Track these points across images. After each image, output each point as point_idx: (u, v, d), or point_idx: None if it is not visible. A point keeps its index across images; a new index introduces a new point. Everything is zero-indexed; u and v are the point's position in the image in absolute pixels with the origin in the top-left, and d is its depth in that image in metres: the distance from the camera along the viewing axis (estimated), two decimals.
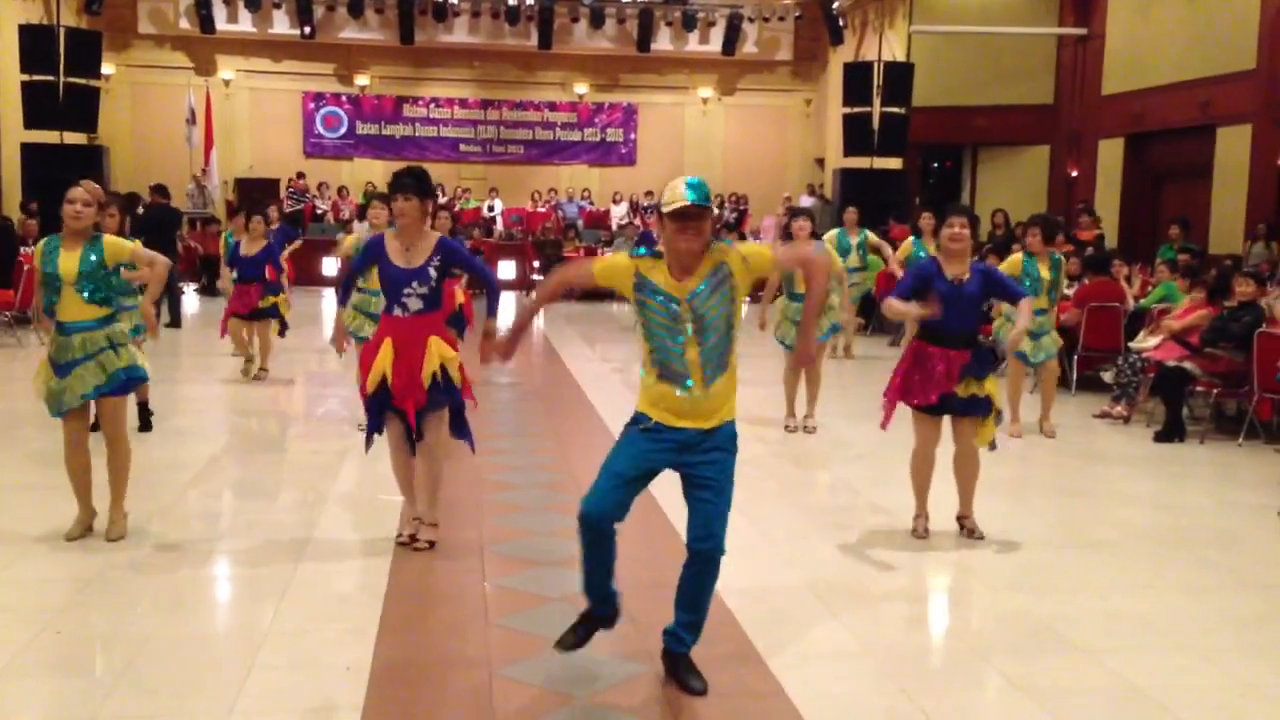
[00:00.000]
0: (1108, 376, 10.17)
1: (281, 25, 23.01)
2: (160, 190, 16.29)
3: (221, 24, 22.46)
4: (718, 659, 4.37)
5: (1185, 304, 9.93)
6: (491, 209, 23.30)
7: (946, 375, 5.66)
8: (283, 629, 4.55)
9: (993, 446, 5.95)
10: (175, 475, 7.10)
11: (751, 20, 23.56)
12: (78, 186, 5.48)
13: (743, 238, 21.49)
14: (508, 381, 11.67)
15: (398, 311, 5.33)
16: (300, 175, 22.84)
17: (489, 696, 3.96)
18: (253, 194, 18.88)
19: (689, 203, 3.78)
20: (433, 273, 5.32)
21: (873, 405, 10.31)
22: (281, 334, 10.82)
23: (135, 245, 5.74)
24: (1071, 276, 11.45)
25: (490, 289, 5.73)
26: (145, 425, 8.17)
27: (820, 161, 23.88)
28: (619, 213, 23.45)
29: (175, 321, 14.48)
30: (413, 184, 5.34)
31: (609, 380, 11.33)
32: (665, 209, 3.85)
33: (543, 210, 23.46)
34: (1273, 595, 5.42)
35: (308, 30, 22.62)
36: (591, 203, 24.15)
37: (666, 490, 4.11)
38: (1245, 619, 5.02)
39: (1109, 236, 16.79)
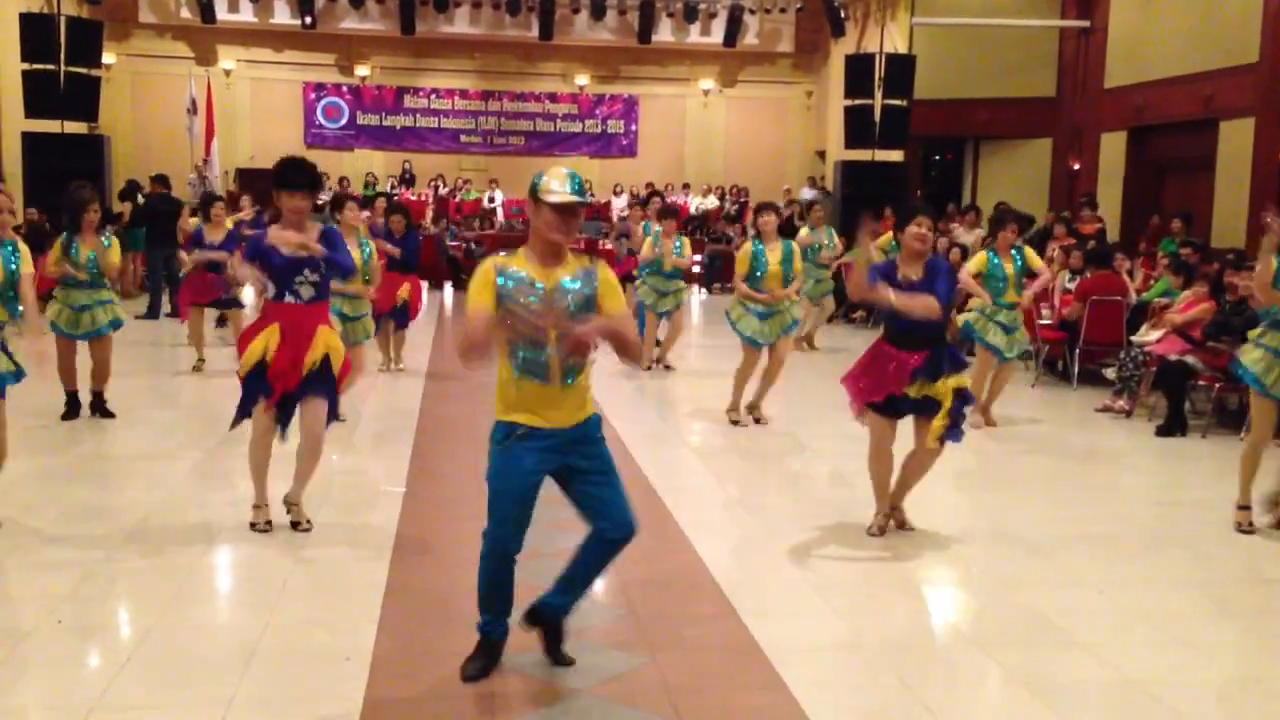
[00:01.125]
0: (1109, 373, 10.16)
1: (282, 15, 22.96)
2: (161, 180, 16.26)
3: (222, 14, 22.41)
4: (716, 651, 4.37)
5: (1187, 298, 9.92)
6: (492, 200, 23.27)
7: (896, 377, 5.58)
8: (283, 620, 4.55)
9: (953, 438, 5.73)
10: (174, 466, 7.10)
11: (753, 12, 23.50)
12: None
13: (744, 231, 21.47)
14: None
15: (289, 299, 5.43)
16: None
17: (489, 688, 3.96)
18: (255, 184, 18.86)
19: (572, 197, 3.79)
20: (322, 263, 5.45)
21: None
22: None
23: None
24: (1074, 270, 11.44)
25: (345, 274, 5.87)
26: (106, 413, 8.27)
27: (821, 154, 23.84)
28: (620, 204, 23.41)
29: (176, 312, 14.48)
30: (305, 180, 5.46)
31: (609, 373, 11.31)
32: (548, 199, 3.80)
33: None
34: (1273, 590, 5.42)
35: (308, 20, 22.57)
36: (592, 194, 24.05)
37: (669, 485, 4.10)
38: (1245, 613, 5.02)
39: (1111, 230, 16.77)
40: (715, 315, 9.63)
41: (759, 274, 8.40)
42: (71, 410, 8.25)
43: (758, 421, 8.74)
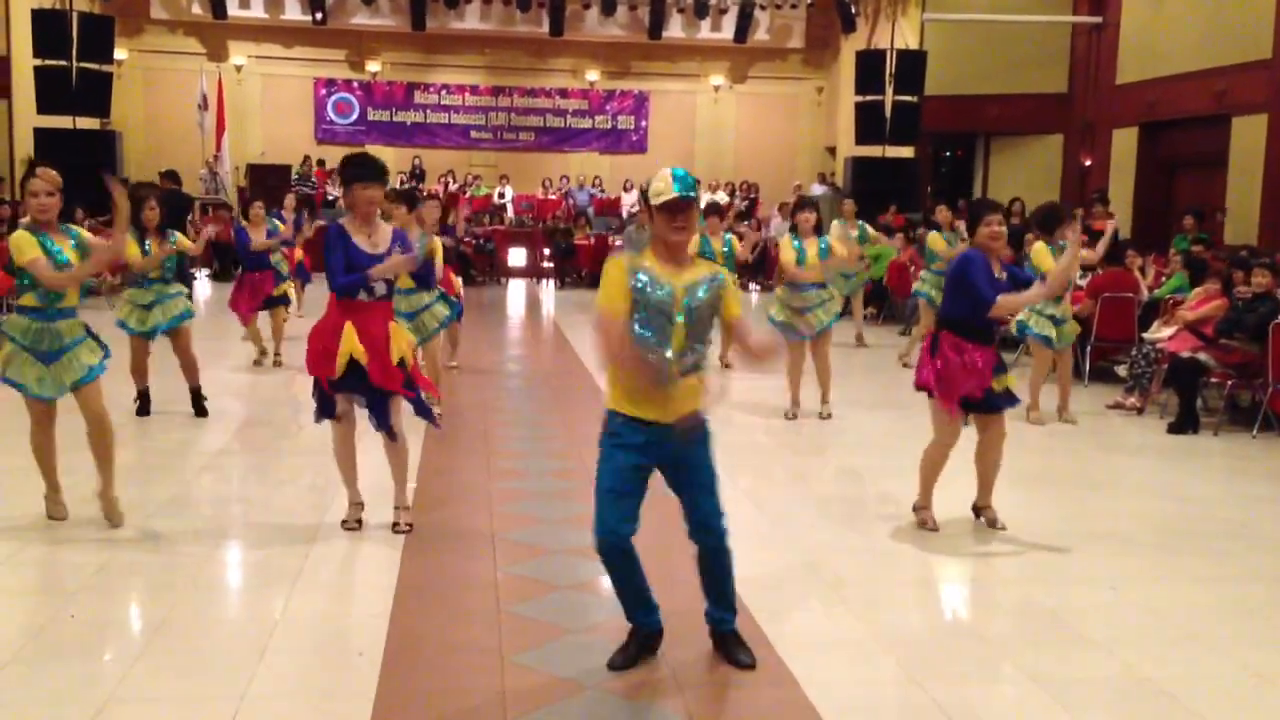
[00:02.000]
0: (1121, 370, 10.14)
1: (293, 11, 23.00)
2: (171, 176, 16.31)
3: (233, 10, 22.46)
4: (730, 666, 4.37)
5: (1199, 294, 9.89)
6: (502, 196, 23.29)
7: (985, 372, 5.61)
8: (295, 614, 4.57)
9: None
10: (189, 461, 7.13)
11: (763, 8, 23.47)
12: (37, 177, 5.36)
13: (759, 227, 21.45)
14: (517, 370, 11.68)
15: (363, 295, 5.35)
16: (320, 163, 22.84)
17: (500, 684, 3.97)
18: (265, 180, 18.91)
19: (676, 195, 3.83)
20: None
21: (883, 394, 10.35)
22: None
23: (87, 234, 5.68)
24: (1086, 267, 11.41)
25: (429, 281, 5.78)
26: (200, 411, 8.30)
27: (832, 150, 23.81)
28: (630, 200, 23.41)
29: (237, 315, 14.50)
30: (377, 173, 5.37)
31: (600, 367, 11.31)
32: (655, 201, 3.87)
33: (553, 197, 23.45)
34: None
35: (319, 16, 22.61)
36: (602, 190, 24.12)
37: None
38: (1258, 610, 5.00)
39: (1123, 227, 16.72)
40: None
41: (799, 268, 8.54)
42: (144, 407, 8.26)
43: (824, 417, 8.82)
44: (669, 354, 3.89)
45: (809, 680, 4.04)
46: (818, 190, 21.80)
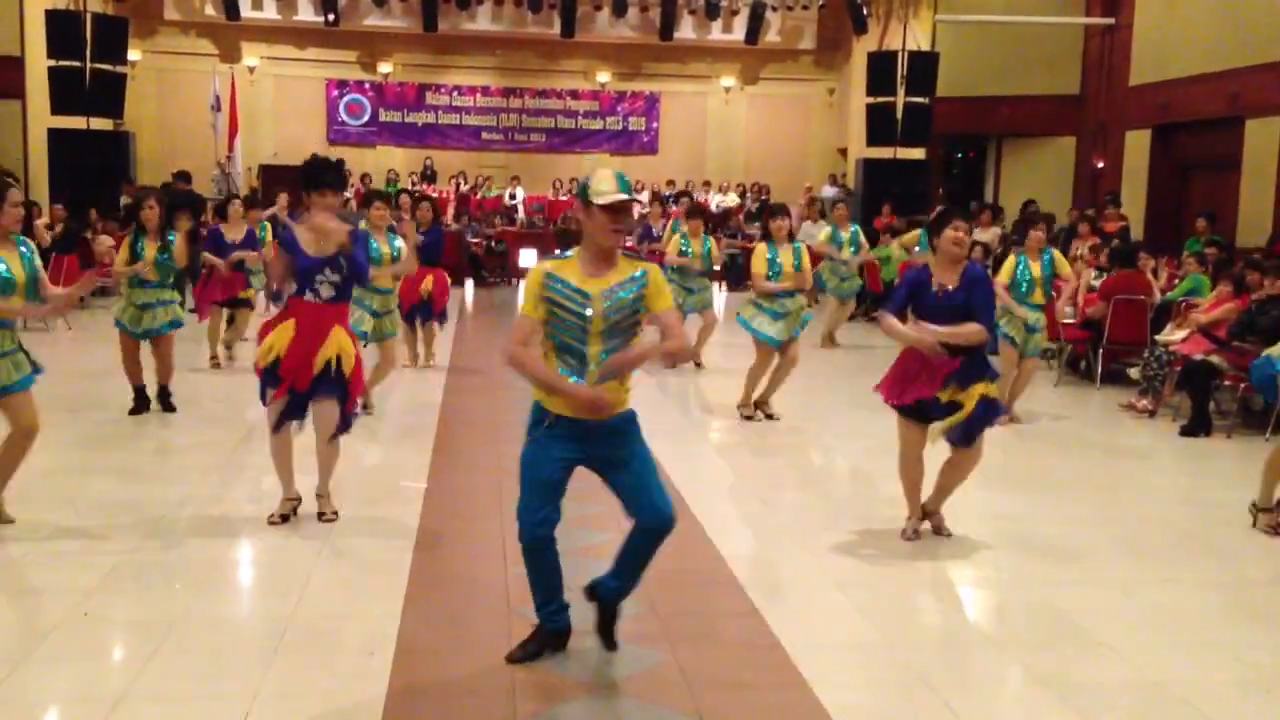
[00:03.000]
0: (1134, 372, 10.11)
1: (306, 12, 23.04)
2: (183, 176, 16.37)
3: (246, 11, 22.50)
4: (737, 647, 4.38)
5: (1213, 297, 9.86)
6: (513, 197, 23.30)
7: (928, 380, 5.49)
8: (307, 613, 4.58)
9: (956, 439, 5.68)
10: (198, 461, 7.15)
11: (774, 9, 23.44)
12: (14, 187, 5.45)
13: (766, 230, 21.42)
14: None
15: (309, 296, 5.49)
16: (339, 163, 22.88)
17: (510, 683, 3.97)
18: (278, 181, 18.95)
19: (621, 196, 3.86)
20: (344, 263, 5.50)
21: None
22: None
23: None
24: (1099, 269, 11.39)
25: (361, 279, 5.87)
26: (169, 406, 8.35)
27: (843, 151, 23.77)
28: (642, 201, 23.40)
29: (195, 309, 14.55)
30: (333, 178, 5.54)
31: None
32: (598, 200, 3.88)
33: (564, 198, 23.43)
34: None
35: (331, 17, 22.64)
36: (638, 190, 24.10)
37: (690, 481, 4.11)
38: (1270, 614, 4.98)
39: (1135, 229, 16.67)
40: (734, 310, 9.66)
41: (773, 276, 8.46)
42: (139, 405, 8.30)
43: (769, 417, 8.80)
44: (589, 367, 3.94)
45: (818, 681, 4.04)
46: (829, 192, 21.76)
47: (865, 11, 21.47)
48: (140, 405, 8.32)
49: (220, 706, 3.74)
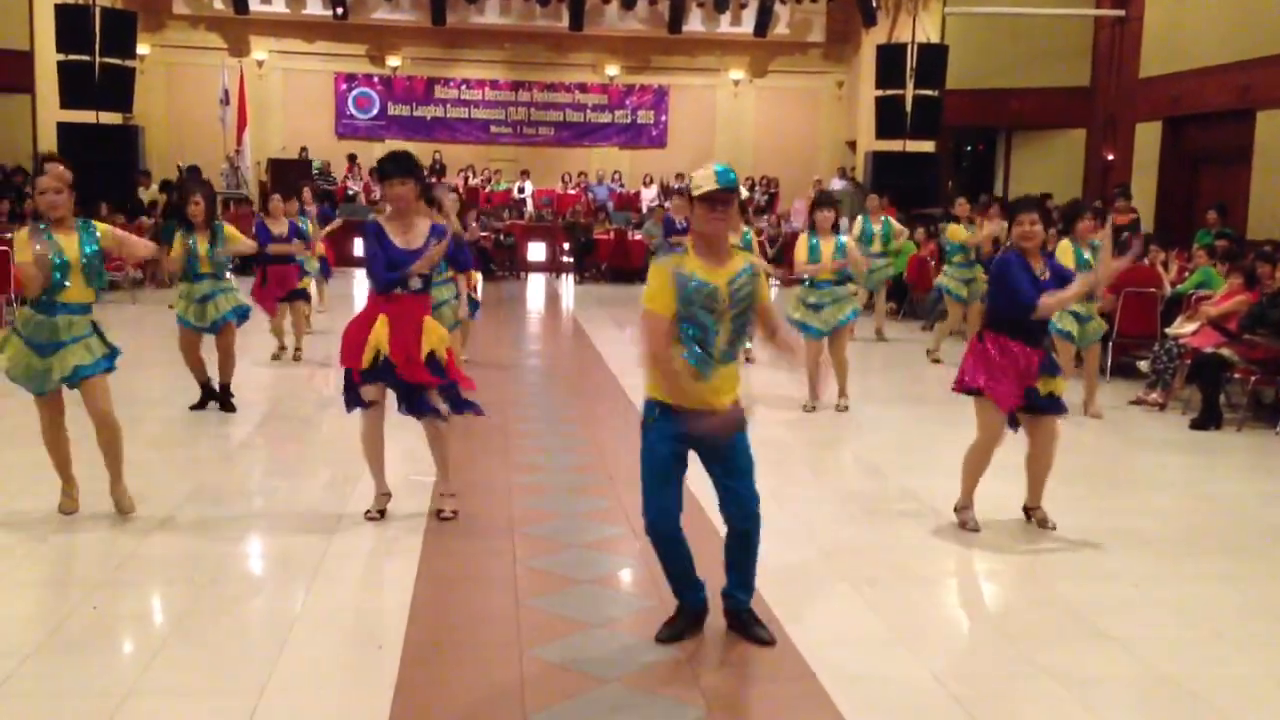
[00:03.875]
0: (1143, 365, 10.07)
1: (314, 6, 23.07)
2: (193, 171, 16.40)
3: (255, 5, 22.54)
4: (747, 642, 4.37)
5: (1224, 290, 9.82)
6: (522, 191, 23.30)
7: (1023, 373, 5.54)
8: (315, 607, 4.59)
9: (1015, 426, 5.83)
10: (210, 454, 7.17)
11: (783, 2, 23.40)
12: (45, 174, 5.37)
13: (779, 222, 21.40)
14: (536, 365, 11.70)
15: (399, 290, 5.43)
16: (351, 158, 22.93)
17: (519, 677, 3.97)
18: (286, 174, 18.98)
19: (718, 187, 3.97)
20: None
21: (904, 389, 10.32)
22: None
23: (113, 229, 5.70)
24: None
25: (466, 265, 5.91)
26: (227, 406, 8.31)
27: (852, 144, 23.74)
28: (649, 195, 23.40)
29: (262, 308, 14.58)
30: (407, 168, 5.40)
31: (639, 363, 11.31)
32: (695, 193, 4.02)
33: (573, 192, 23.45)
34: None
35: (340, 11, 22.67)
36: (622, 185, 24.10)
37: (702, 477, 4.11)
38: None
39: (1146, 221, 16.61)
40: None
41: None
42: (204, 399, 8.26)
43: (840, 409, 8.87)
44: (716, 348, 4.04)
45: (829, 675, 4.03)
46: (838, 185, 21.73)
47: (874, 4, 21.43)
48: (206, 399, 8.25)
49: (229, 700, 3.74)
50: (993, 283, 5.83)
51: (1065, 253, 8.55)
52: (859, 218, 13.53)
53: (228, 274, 8.38)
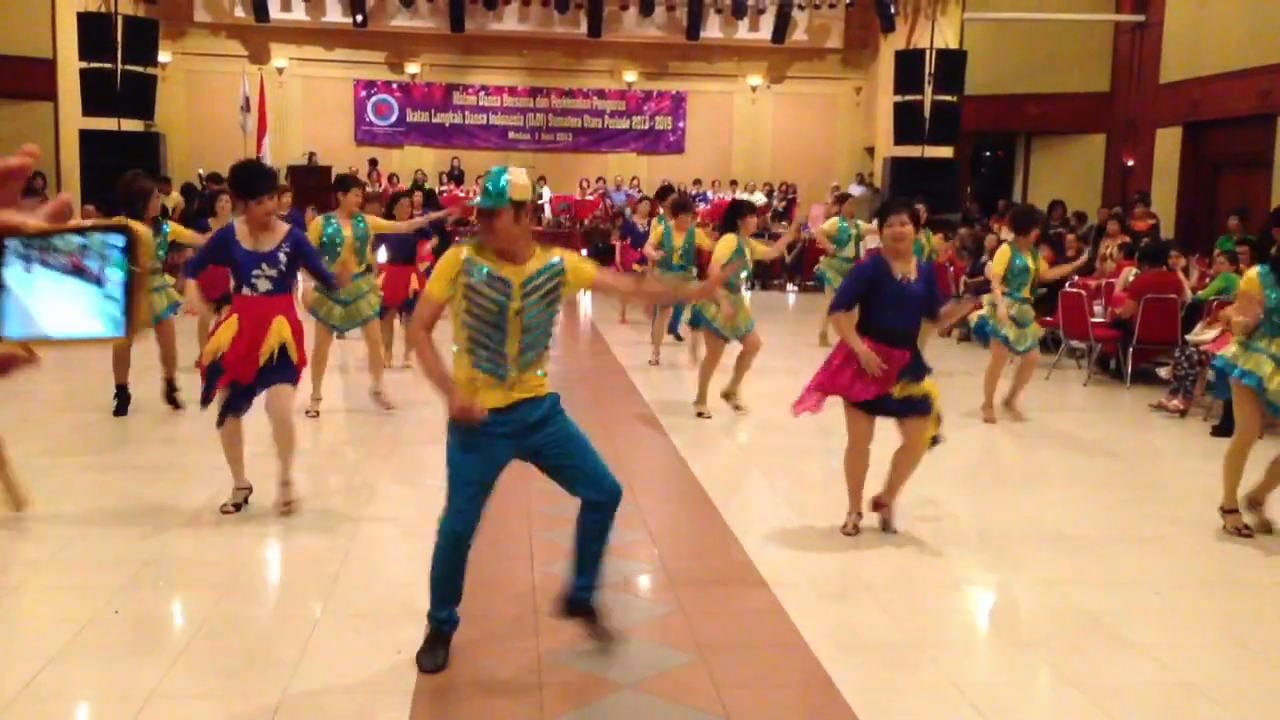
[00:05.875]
0: (1163, 372, 10.02)
1: (334, 14, 23.19)
2: (214, 178, 16.48)
3: (275, 12, 22.66)
4: (763, 648, 4.37)
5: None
6: (540, 196, 23.34)
7: (887, 374, 5.49)
8: (334, 612, 4.61)
9: (935, 442, 5.78)
10: (223, 460, 7.19)
11: (801, 8, 23.38)
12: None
13: (798, 229, 21.35)
14: (553, 370, 11.69)
15: (247, 291, 5.68)
16: (373, 162, 23.02)
17: (537, 682, 3.98)
18: (306, 182, 19.07)
19: (478, 204, 3.85)
20: (283, 258, 5.69)
21: None
22: None
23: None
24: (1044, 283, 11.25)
25: (325, 282, 6.31)
26: (174, 403, 8.38)
27: (870, 150, 23.69)
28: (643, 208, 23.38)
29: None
30: (267, 185, 5.69)
31: (655, 367, 11.32)
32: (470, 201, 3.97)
33: (591, 198, 23.48)
34: None
35: (359, 19, 22.77)
36: (640, 191, 24.12)
37: (716, 482, 4.10)
38: None
39: (1166, 227, 16.53)
40: (758, 311, 9.62)
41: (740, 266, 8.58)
42: (122, 405, 8.27)
43: (736, 409, 8.81)
44: (507, 353, 3.91)
45: (844, 682, 4.02)
46: (856, 191, 21.68)
47: (893, 9, 21.39)
48: (123, 406, 8.23)
49: (249, 704, 3.76)
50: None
51: (1001, 257, 8.74)
52: (834, 219, 13.43)
53: (161, 270, 8.45)
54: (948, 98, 19.20)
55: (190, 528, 5.65)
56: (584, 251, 21.32)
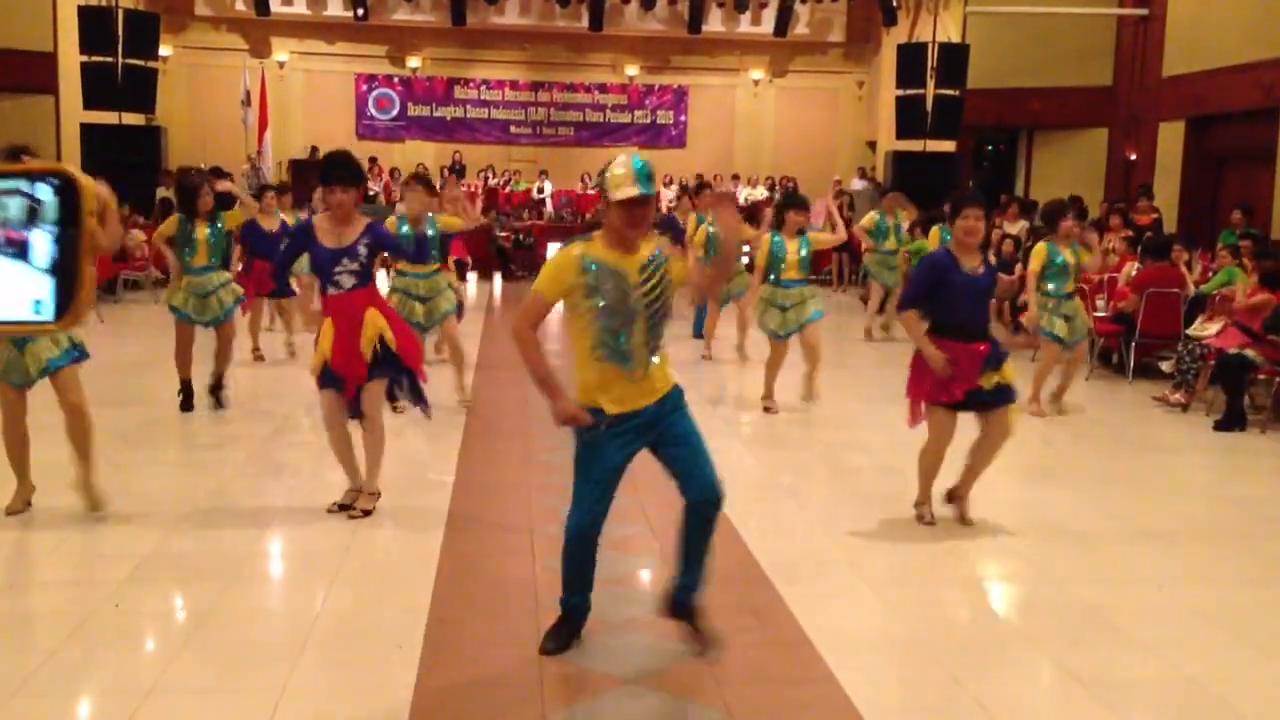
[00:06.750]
0: (1166, 366, 10.00)
1: (335, 7, 23.16)
2: (215, 172, 16.44)
3: (276, 6, 22.63)
4: (767, 644, 4.36)
5: (1248, 288, 9.73)
6: (541, 191, 23.32)
7: (969, 371, 5.52)
8: (335, 607, 4.60)
9: None
10: (228, 454, 7.19)
11: (803, 1, 23.34)
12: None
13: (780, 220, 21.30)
14: (554, 365, 11.69)
15: (331, 290, 5.56)
16: (372, 160, 23.00)
17: (538, 677, 3.97)
18: (308, 176, 19.04)
19: (640, 193, 3.83)
20: (362, 250, 5.55)
21: None
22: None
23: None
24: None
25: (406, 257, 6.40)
26: (218, 402, 8.30)
27: (872, 144, 23.65)
28: (668, 195, 23.37)
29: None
30: (349, 175, 5.58)
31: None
32: (615, 197, 3.86)
33: (592, 192, 23.42)
34: None
35: (360, 12, 22.74)
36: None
37: (720, 476, 4.09)
38: None
39: (1169, 221, 16.49)
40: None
41: (776, 266, 8.55)
42: (187, 401, 8.23)
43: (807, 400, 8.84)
44: (634, 341, 3.90)
45: (848, 678, 4.01)
46: (858, 185, 21.67)
47: (895, 3, 21.34)
48: (188, 401, 8.24)
49: (250, 699, 3.75)
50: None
51: (1039, 254, 8.73)
52: (873, 214, 13.44)
53: (224, 266, 8.37)
54: (950, 92, 19.16)
55: (190, 522, 5.64)
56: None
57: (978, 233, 5.60)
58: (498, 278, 19.91)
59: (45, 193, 0.83)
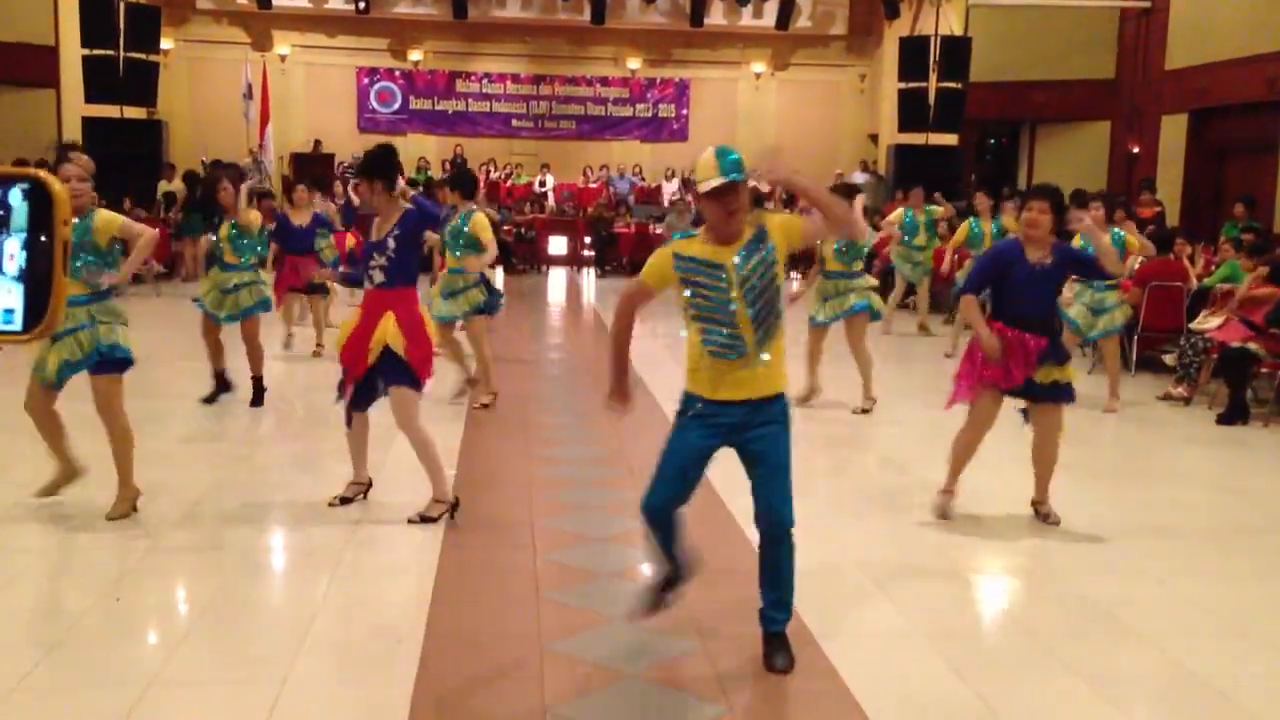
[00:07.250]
0: (1169, 359, 9.99)
1: (336, 0, 23.12)
2: (218, 166, 16.44)
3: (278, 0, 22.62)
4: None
5: (1247, 281, 9.72)
6: (543, 184, 23.30)
7: (1022, 362, 5.51)
8: (336, 600, 4.60)
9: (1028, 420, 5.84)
10: (231, 448, 7.19)
11: None
12: (69, 163, 5.32)
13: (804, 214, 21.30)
14: (557, 358, 11.69)
15: (366, 284, 5.54)
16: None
17: (539, 671, 3.97)
18: (310, 169, 19.05)
19: (725, 180, 3.72)
20: (391, 243, 5.41)
21: (924, 382, 10.24)
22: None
23: (124, 219, 5.58)
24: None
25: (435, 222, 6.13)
26: (257, 400, 8.22)
27: (874, 137, 23.62)
28: (670, 189, 23.36)
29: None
30: (364, 169, 5.51)
31: (660, 356, 11.29)
32: (701, 190, 3.78)
33: (594, 186, 23.44)
34: None
35: (362, 5, 22.70)
36: (643, 178, 24.08)
37: (720, 470, 4.09)
38: None
39: (1171, 214, 16.46)
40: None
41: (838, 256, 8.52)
42: (220, 389, 8.19)
43: (864, 412, 8.62)
44: (737, 334, 3.81)
45: (851, 673, 4.01)
46: (860, 178, 21.62)
47: None
48: (222, 388, 8.18)
49: (250, 692, 3.75)
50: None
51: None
52: (900, 210, 13.37)
53: (255, 266, 8.28)
54: (952, 85, 19.13)
55: (191, 515, 5.63)
56: (586, 239, 21.30)
57: (1039, 225, 5.56)
58: (499, 271, 19.89)
59: (15, 198, 0.82)
